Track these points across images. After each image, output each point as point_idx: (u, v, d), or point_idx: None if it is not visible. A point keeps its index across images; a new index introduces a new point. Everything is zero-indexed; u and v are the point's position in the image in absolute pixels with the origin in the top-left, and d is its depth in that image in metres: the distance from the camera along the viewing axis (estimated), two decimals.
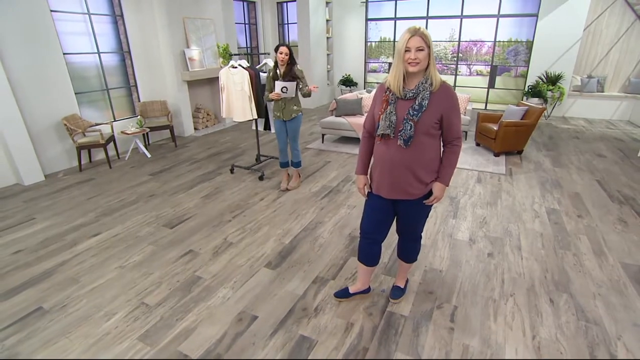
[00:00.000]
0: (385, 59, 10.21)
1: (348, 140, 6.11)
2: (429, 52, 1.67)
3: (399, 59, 1.72)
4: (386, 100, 1.80)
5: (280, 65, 3.66)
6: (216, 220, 3.46)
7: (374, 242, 2.16)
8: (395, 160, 1.84)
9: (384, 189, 1.93)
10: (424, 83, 1.73)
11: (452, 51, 9.60)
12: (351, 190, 4.11)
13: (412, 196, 1.91)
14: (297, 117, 3.88)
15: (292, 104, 3.80)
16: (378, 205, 2.03)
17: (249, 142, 6.16)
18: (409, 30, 1.68)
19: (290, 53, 3.64)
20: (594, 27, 7.38)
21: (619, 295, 2.39)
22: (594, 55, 7.57)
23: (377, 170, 1.95)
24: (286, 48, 3.61)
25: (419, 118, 1.73)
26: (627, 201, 3.72)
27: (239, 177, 4.53)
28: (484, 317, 2.21)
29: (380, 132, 1.81)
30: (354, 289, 2.36)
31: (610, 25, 7.21)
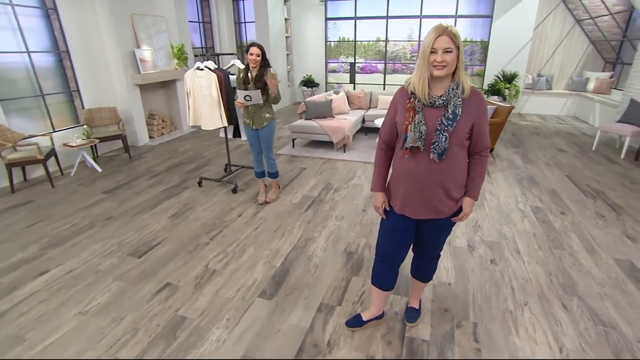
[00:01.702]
0: (345, 58, 10.12)
1: (320, 144, 5.87)
2: (457, 54, 1.46)
3: (423, 61, 1.49)
4: (413, 108, 1.56)
5: (252, 67, 3.32)
6: (191, 243, 3.04)
7: (392, 265, 1.94)
8: (426, 175, 1.61)
9: (410, 208, 1.71)
10: (455, 89, 1.52)
11: (411, 51, 9.75)
12: (335, 199, 3.88)
13: (442, 215, 1.71)
14: (270, 124, 3.52)
15: (263, 111, 3.45)
16: (400, 226, 1.81)
17: (212, 150, 5.69)
18: (436, 28, 1.45)
19: (263, 54, 3.29)
20: (540, 30, 7.87)
21: (622, 294, 2.40)
22: (542, 55, 8.08)
23: (401, 187, 1.71)
24: (257, 48, 3.25)
25: (454, 128, 1.53)
26: (599, 195, 3.88)
27: (209, 191, 4.11)
28: (506, 332, 2.09)
29: (409, 144, 1.57)
30: (368, 316, 2.12)
31: (554, 28, 7.73)
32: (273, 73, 3.35)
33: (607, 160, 5.04)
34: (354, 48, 9.29)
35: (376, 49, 9.99)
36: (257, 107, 3.42)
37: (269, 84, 3.31)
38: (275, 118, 3.64)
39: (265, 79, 3.31)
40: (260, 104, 3.39)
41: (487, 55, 8.17)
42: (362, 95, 6.77)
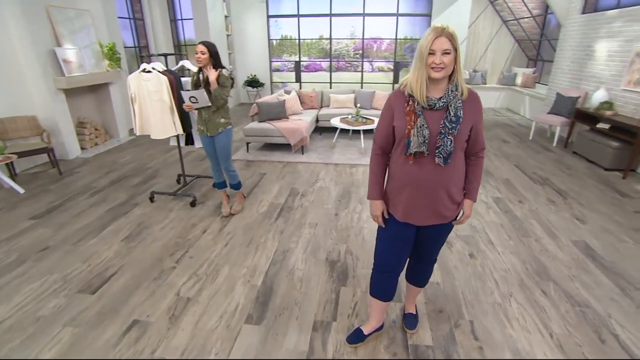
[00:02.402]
0: (288, 57, 9.95)
1: (276, 146, 5.66)
2: (455, 56, 1.41)
3: (421, 63, 1.42)
4: (413, 112, 1.49)
5: (203, 69, 3.03)
6: (155, 269, 2.69)
7: (392, 275, 1.86)
8: (431, 181, 1.56)
9: (415, 215, 1.64)
10: (455, 90, 1.47)
11: (354, 48, 9.88)
12: (304, 205, 3.73)
13: (446, 219, 1.67)
14: (225, 131, 3.21)
15: (217, 116, 3.15)
16: (401, 234, 1.73)
17: (158, 159, 5.18)
18: (434, 29, 1.39)
19: (212, 53, 2.98)
20: (474, 28, 8.45)
21: (586, 273, 2.61)
22: (476, 52, 8.70)
23: (403, 194, 1.63)
24: (202, 45, 2.94)
25: (458, 131, 1.48)
26: (545, 182, 4.24)
27: (164, 206, 3.70)
28: (501, 325, 2.14)
29: (414, 149, 1.50)
30: (369, 329, 2.03)
31: (485, 27, 8.37)
32: (224, 75, 3.05)
33: (543, 148, 5.55)
34: (298, 46, 9.15)
35: (319, 47, 9.97)
36: (210, 112, 3.12)
37: (216, 83, 3.02)
38: (233, 124, 3.35)
39: (217, 79, 3.02)
40: (213, 109, 3.10)
41: None
42: (313, 94, 6.67)
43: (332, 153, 5.39)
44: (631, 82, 4.57)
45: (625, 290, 2.44)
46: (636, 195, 3.89)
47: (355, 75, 10.02)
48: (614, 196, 3.85)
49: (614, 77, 4.92)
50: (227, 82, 3.06)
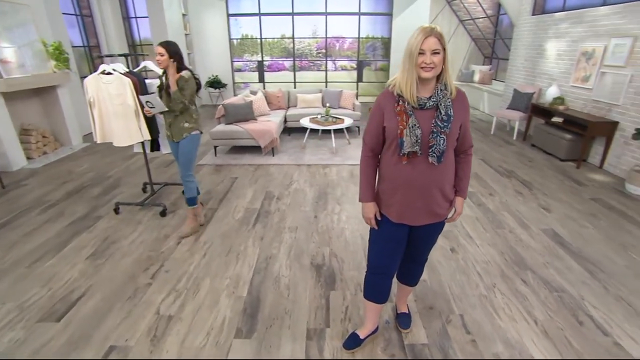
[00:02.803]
0: (250, 57, 9.73)
1: (245, 149, 5.49)
2: (444, 56, 1.42)
3: (410, 63, 1.43)
4: (404, 112, 1.48)
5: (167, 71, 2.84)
6: (128, 287, 2.48)
7: (387, 277, 1.84)
8: (425, 180, 1.56)
9: (410, 215, 1.63)
10: (444, 90, 1.48)
11: (316, 47, 9.85)
12: (281, 208, 3.63)
13: (440, 218, 1.68)
14: (190, 137, 2.96)
15: (181, 121, 2.92)
16: (395, 235, 1.71)
17: (118, 167, 4.83)
18: (423, 29, 1.40)
19: (172, 54, 2.75)
20: None
21: (558, 259, 2.76)
22: None
23: (397, 194, 1.61)
24: (160, 47, 2.73)
25: (449, 129, 1.49)
26: (511, 174, 4.46)
27: (131, 218, 3.44)
28: (489, 317, 2.20)
29: (407, 150, 1.48)
30: (365, 333, 2.00)
31: (443, 26, 8.67)
32: (183, 77, 2.79)
33: (505, 142, 5.85)
34: (260, 46, 8.97)
35: (282, 46, 9.84)
36: (172, 116, 2.91)
37: (175, 86, 2.81)
38: (200, 130, 3.08)
39: (177, 82, 2.81)
40: (176, 113, 2.89)
41: (390, 51, 8.75)
42: (280, 94, 6.55)
43: (304, 154, 5.33)
44: (579, 79, 4.94)
45: (593, 273, 2.61)
46: (589, 183, 4.20)
47: (318, 75, 10.02)
48: (572, 185, 4.13)
49: (563, 74, 5.29)
50: (186, 85, 2.80)
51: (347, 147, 5.64)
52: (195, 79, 2.91)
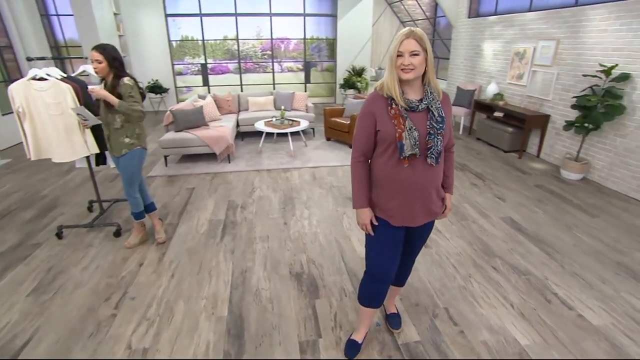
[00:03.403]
0: (191, 59, 9.24)
1: (198, 157, 5.18)
2: (425, 57, 1.45)
3: (391, 65, 1.47)
4: (400, 115, 1.48)
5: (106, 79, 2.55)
6: (88, 323, 2.18)
7: (387, 283, 1.82)
8: (424, 181, 1.57)
9: (411, 217, 1.63)
10: (433, 92, 1.52)
11: (261, 49, 9.65)
12: (248, 218, 3.47)
13: (436, 215, 1.72)
14: (130, 153, 2.66)
15: (121, 134, 2.61)
16: (393, 238, 1.69)
17: (54, 185, 4.28)
18: (401, 32, 1.45)
19: (112, 60, 2.46)
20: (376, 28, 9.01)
21: (519, 245, 2.98)
22: (380, 50, 9.30)
23: (395, 198, 1.60)
24: (97, 53, 2.42)
25: (444, 130, 1.52)
26: (464, 167, 4.74)
27: (79, 242, 3.05)
28: (471, 306, 2.29)
29: (408, 152, 1.48)
30: (361, 337, 1.98)
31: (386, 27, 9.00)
32: (127, 84, 2.49)
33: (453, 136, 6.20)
34: (203, 47, 8.55)
35: (225, 48, 9.49)
36: (112, 129, 2.61)
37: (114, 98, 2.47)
38: (143, 145, 2.75)
39: (119, 91, 2.49)
40: (116, 125, 2.59)
41: (336, 52, 8.86)
42: (230, 98, 6.30)
43: (261, 159, 5.18)
44: (514, 77, 5.42)
45: (550, 254, 2.85)
46: (532, 171, 4.62)
47: (264, 77, 9.83)
48: (517, 174, 4.51)
49: (500, 72, 5.76)
50: (133, 92, 2.50)
51: (305, 149, 5.59)
52: (139, 88, 2.60)
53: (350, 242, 3.04)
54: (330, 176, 4.52)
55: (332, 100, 9.68)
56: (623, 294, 2.42)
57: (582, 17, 4.23)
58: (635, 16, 3.68)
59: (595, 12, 4.10)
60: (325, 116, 5.87)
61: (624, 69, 3.75)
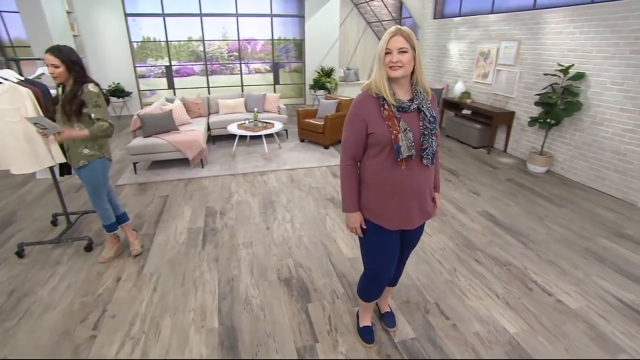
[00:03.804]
0: (154, 61, 8.85)
1: (168, 163, 4.96)
2: (414, 55, 1.45)
3: (379, 63, 1.46)
4: (394, 116, 1.47)
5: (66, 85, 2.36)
6: (64, 347, 2.01)
7: (387, 280, 1.84)
8: (420, 182, 1.57)
9: (407, 219, 1.63)
10: (423, 92, 1.52)
11: (227, 50, 9.43)
12: (228, 224, 3.37)
13: (430, 215, 1.74)
14: (90, 165, 2.44)
15: (80, 145, 2.39)
16: (391, 242, 1.70)
17: (7, 198, 3.93)
18: (389, 30, 1.44)
19: (71, 64, 2.24)
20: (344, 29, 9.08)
21: (497, 237, 3.11)
22: (347, 51, 9.38)
23: (391, 202, 1.58)
24: (52, 57, 2.19)
25: (437, 130, 1.54)
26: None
27: (44, 260, 2.81)
28: (460, 300, 2.36)
29: (405, 154, 1.47)
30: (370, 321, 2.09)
31: (352, 28, 9.10)
32: (92, 91, 2.29)
33: None
34: (167, 49, 8.22)
35: (189, 49, 9.19)
36: (72, 139, 2.38)
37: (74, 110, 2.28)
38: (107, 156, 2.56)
39: (83, 99, 2.28)
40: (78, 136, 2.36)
41: (304, 52, 8.84)
42: (199, 101, 6.10)
43: (235, 162, 5.05)
44: (479, 76, 5.67)
45: (526, 244, 3.00)
46: (501, 166, 4.85)
47: (232, 78, 9.63)
48: (488, 169, 4.71)
49: (466, 71, 6.01)
50: (99, 100, 2.31)
51: (279, 151, 5.52)
52: (104, 95, 2.41)
53: (336, 244, 3.03)
54: (308, 178, 4.49)
55: (301, 101, 9.65)
56: (593, 277, 2.59)
57: (540, 20, 4.50)
58: (585, 20, 3.97)
59: (551, 15, 4.37)
60: (298, 117, 5.83)
61: (579, 69, 4.03)
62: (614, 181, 3.84)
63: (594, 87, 3.93)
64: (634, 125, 3.61)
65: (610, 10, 3.73)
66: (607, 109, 3.84)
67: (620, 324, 2.17)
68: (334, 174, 4.58)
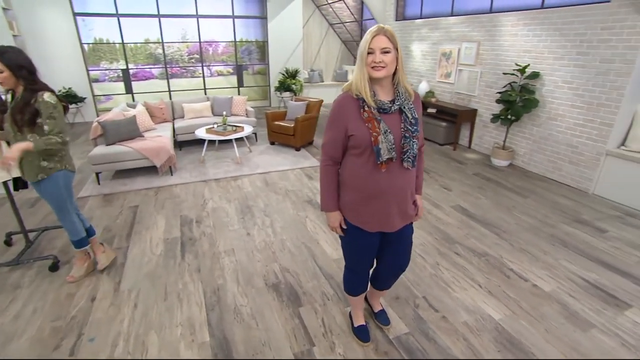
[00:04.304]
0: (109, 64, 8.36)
1: (134, 172, 4.70)
2: (396, 55, 1.44)
3: (361, 63, 1.43)
4: (374, 118, 1.45)
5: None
6: None
7: (366, 273, 1.91)
8: (401, 185, 1.56)
9: (387, 222, 1.62)
10: (404, 93, 1.51)
11: (187, 52, 9.11)
12: (206, 232, 3.26)
13: (411, 218, 1.72)
14: (49, 179, 2.27)
15: (37, 157, 2.22)
16: (369, 245, 1.72)
17: None
18: (371, 30, 1.41)
19: (15, 68, 2.03)
20: (307, 30, 9.08)
21: (472, 230, 3.26)
22: (311, 53, 9.39)
23: (371, 204, 1.58)
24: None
25: (419, 132, 1.52)
26: None
27: (1, 285, 2.56)
28: (445, 292, 2.45)
29: (385, 157, 1.46)
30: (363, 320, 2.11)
31: (315, 30, 9.12)
32: (48, 102, 2.10)
33: None
34: (124, 51, 7.78)
35: (146, 51, 8.77)
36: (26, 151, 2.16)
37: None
38: (70, 167, 2.40)
39: (37, 107, 2.09)
40: None
41: (267, 54, 8.75)
42: (163, 106, 5.84)
43: (205, 168, 4.89)
44: (443, 75, 5.92)
45: (499, 235, 3.17)
46: (467, 161, 5.09)
47: (193, 82, 9.32)
48: (456, 165, 4.93)
49: (430, 71, 6.24)
50: (55, 112, 2.12)
51: (250, 155, 5.42)
52: (60, 102, 2.21)
53: (320, 246, 3.03)
54: (282, 181, 4.45)
55: (266, 104, 9.54)
56: (561, 261, 2.79)
57: (497, 23, 4.79)
58: (537, 24, 4.28)
59: (506, 18, 4.67)
60: (267, 120, 5.76)
61: (534, 68, 4.34)
62: (569, 171, 4.18)
63: (547, 85, 4.25)
64: (584, 120, 3.95)
65: (558, 15, 4.05)
66: (560, 105, 4.16)
67: (588, 301, 2.37)
68: (309, 176, 4.58)
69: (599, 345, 2.02)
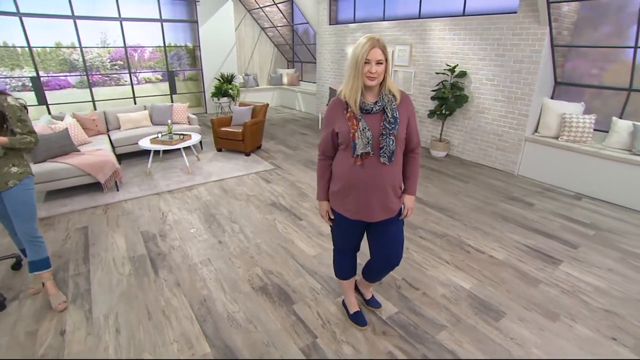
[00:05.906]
0: (10, 72, 7.30)
1: (71, 191, 4.23)
2: (386, 67, 1.58)
3: (357, 71, 1.56)
4: (354, 117, 1.62)
5: None
6: None
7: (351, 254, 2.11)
8: (378, 179, 1.70)
9: (367, 212, 1.77)
10: (388, 94, 1.64)
11: (109, 58, 8.36)
12: (175, 245, 3.12)
13: (394, 213, 1.82)
14: (21, 184, 2.24)
15: (4, 164, 2.17)
16: (352, 230, 1.92)
17: None
18: (369, 40, 1.52)
19: None
20: (239, 34, 8.93)
21: (429, 215, 3.61)
22: (244, 57, 9.25)
23: (351, 194, 1.74)
24: None
25: (397, 131, 1.64)
26: None
27: None
28: (420, 271, 2.71)
29: (360, 151, 1.62)
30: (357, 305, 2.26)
31: (248, 34, 9.02)
32: (14, 105, 2.12)
33: None
34: (31, 57, 6.87)
35: (59, 57, 7.86)
36: None
37: None
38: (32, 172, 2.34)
39: (2, 111, 2.08)
40: None
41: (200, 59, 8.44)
42: (96, 117, 5.33)
43: (154, 180, 4.61)
44: None
45: (452, 217, 3.57)
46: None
47: (119, 90, 8.59)
48: None
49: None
50: (23, 114, 2.15)
51: (199, 163, 5.24)
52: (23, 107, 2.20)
53: (295, 245, 3.11)
54: (240, 187, 4.40)
55: (201, 110, 9.19)
56: (506, 233, 3.26)
57: (426, 27, 5.32)
58: (460, 29, 4.86)
59: (434, 24, 5.21)
60: (213, 126, 5.61)
61: (462, 68, 4.92)
62: (497, 157, 4.83)
63: (474, 83, 4.86)
64: (506, 111, 4.61)
65: (477, 22, 4.66)
66: (485, 100, 4.79)
67: (532, 263, 2.82)
68: (266, 179, 4.60)
69: (547, 296, 2.44)
